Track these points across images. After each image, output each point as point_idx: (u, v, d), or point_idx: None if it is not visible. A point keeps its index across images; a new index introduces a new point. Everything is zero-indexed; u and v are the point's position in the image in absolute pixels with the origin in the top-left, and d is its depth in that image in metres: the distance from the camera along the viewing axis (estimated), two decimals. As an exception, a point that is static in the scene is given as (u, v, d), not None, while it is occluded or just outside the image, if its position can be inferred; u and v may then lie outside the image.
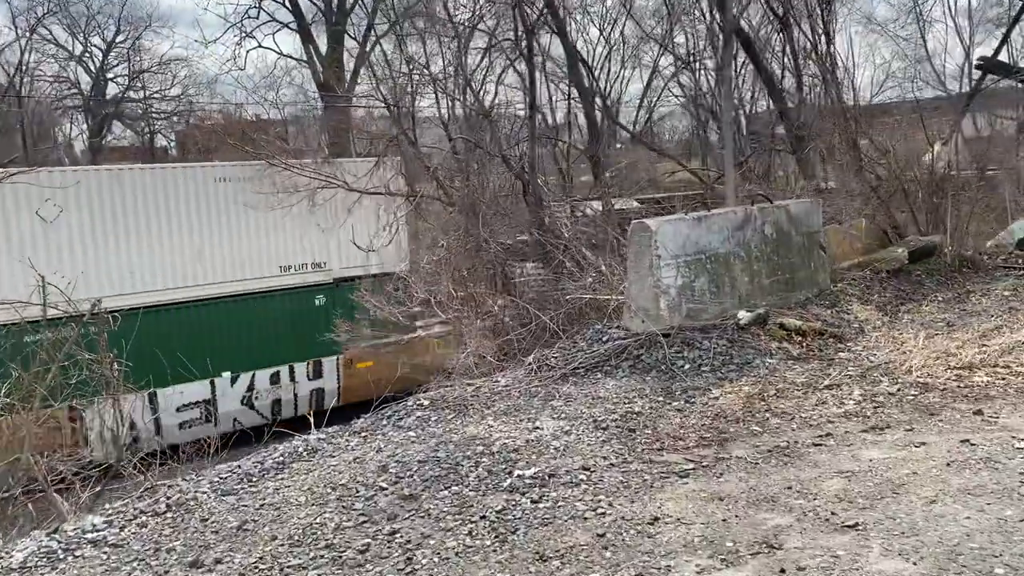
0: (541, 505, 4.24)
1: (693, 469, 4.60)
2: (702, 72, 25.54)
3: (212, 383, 13.87)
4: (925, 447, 4.69)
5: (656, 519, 3.97)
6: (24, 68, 33.86)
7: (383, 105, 14.07)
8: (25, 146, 27.20)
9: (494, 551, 3.80)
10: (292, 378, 14.63)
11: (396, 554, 3.84)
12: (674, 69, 26.47)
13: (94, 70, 39.39)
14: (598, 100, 18.69)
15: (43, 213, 12.79)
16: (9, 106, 31.55)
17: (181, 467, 8.66)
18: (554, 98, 21.46)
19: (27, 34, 33.87)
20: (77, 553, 4.16)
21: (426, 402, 6.47)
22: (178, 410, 13.64)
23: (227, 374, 13.92)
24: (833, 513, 3.89)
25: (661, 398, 5.91)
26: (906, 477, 4.26)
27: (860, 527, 3.72)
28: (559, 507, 4.20)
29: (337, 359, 14.56)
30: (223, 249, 14.12)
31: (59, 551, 4.19)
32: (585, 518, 4.05)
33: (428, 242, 12.15)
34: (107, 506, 5.13)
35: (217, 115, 32.83)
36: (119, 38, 39.38)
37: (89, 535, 4.36)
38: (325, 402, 14.70)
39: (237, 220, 13.73)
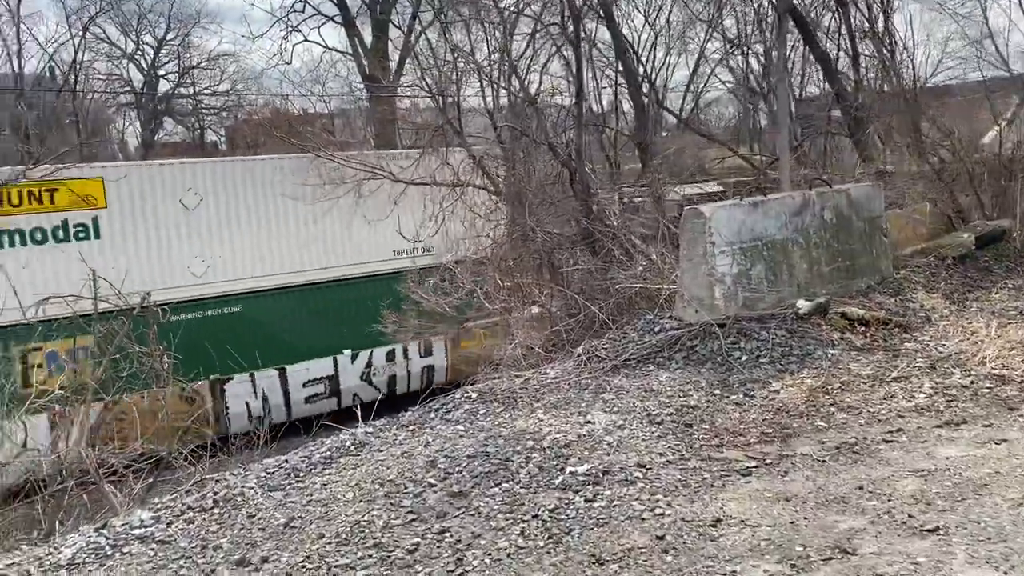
0: (595, 504, 4.06)
1: (755, 467, 4.38)
2: (751, 55, 24.96)
3: (335, 360, 14.49)
4: (1007, 444, 4.40)
5: (718, 520, 3.77)
6: (78, 66, 34.57)
7: (428, 95, 13.97)
8: (80, 142, 27.76)
9: (548, 553, 3.64)
10: (406, 356, 15.17)
11: (446, 555, 3.70)
12: (722, 53, 25.90)
13: (146, 67, 40.08)
14: (645, 86, 18.32)
15: (185, 202, 13.45)
16: (64, 103, 32.24)
17: (230, 459, 8.68)
18: (599, 85, 21.16)
19: (81, 33, 34.56)
20: (125, 550, 4.10)
21: (474, 395, 6.33)
22: (304, 385, 14.32)
23: (348, 351, 14.46)
24: (910, 516, 3.64)
25: (718, 391, 5.68)
26: (988, 477, 3.98)
27: (941, 531, 3.47)
28: (614, 506, 4.02)
29: (445, 338, 14.81)
30: (347, 235, 14.54)
31: (107, 547, 4.14)
32: (643, 519, 3.86)
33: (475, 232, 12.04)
34: (155, 500, 5.09)
35: (265, 109, 33.13)
36: (169, 35, 40.00)
37: (137, 531, 4.31)
38: (435, 378, 15.16)
39: (360, 208, 14.02)
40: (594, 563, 3.49)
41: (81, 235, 12.71)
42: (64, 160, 12.53)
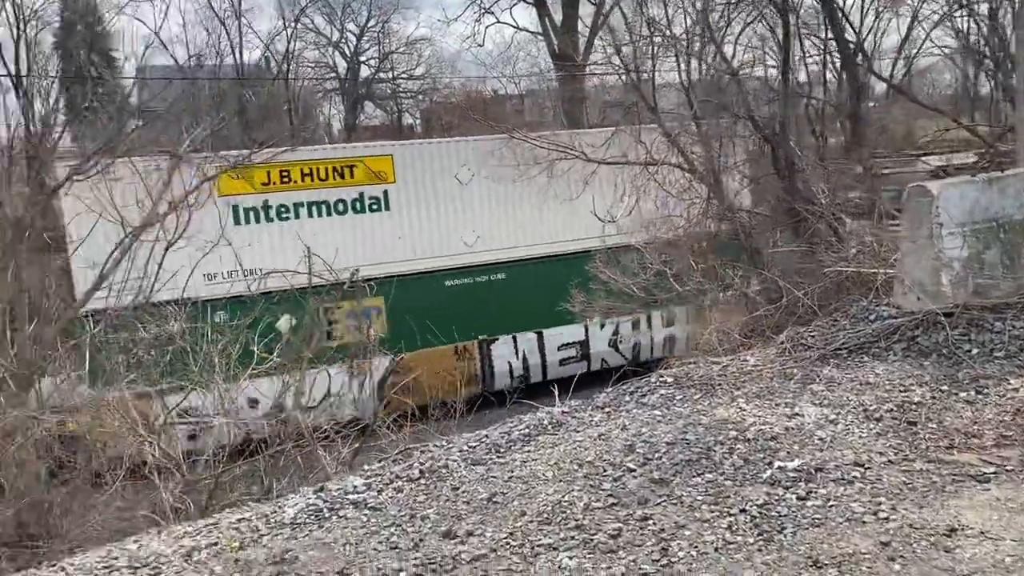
0: (809, 503, 3.82)
1: (995, 473, 3.95)
2: (973, 15, 22.58)
3: (585, 327, 15.34)
4: None
5: (953, 530, 3.42)
6: (290, 55, 37.24)
7: (620, 72, 13.75)
8: (292, 127, 29.93)
9: (759, 550, 3.46)
10: (649, 325, 15.82)
11: (650, 542, 3.62)
12: (941, 13, 23.62)
13: (349, 54, 42.46)
14: (855, 53, 17.02)
15: (460, 177, 14.65)
16: (279, 91, 34.85)
17: (429, 430, 9.06)
18: (805, 53, 19.90)
19: (292, 24, 37.17)
20: (341, 513, 4.33)
21: (669, 379, 6.18)
22: (559, 348, 15.39)
23: (597, 319, 15.00)
24: None
25: (945, 387, 5.18)
26: None
27: None
28: (831, 507, 3.76)
29: (687, 310, 15.00)
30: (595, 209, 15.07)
31: (324, 510, 4.39)
32: (864, 522, 3.59)
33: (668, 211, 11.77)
34: (365, 468, 5.36)
35: (462, 92, 34.14)
36: (370, 23, 42.09)
37: (351, 496, 4.54)
38: (676, 348, 15.43)
39: (609, 185, 14.27)
40: (811, 566, 3.28)
41: (374, 207, 14.11)
42: (281, 145, 13.51)
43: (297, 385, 8.38)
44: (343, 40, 42.19)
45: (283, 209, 13.45)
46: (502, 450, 5.03)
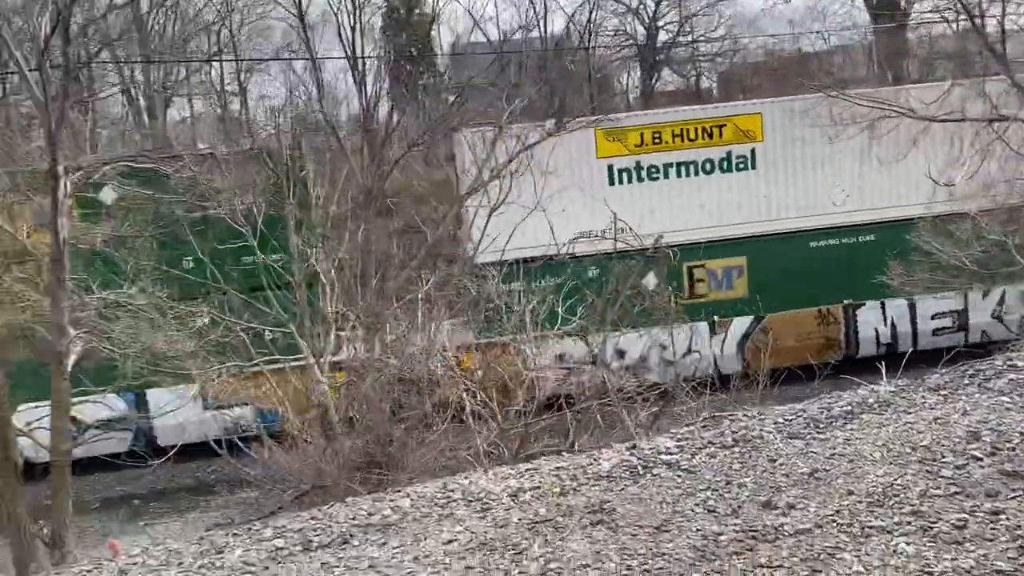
0: None
1: None
2: None
3: (965, 295, 14.40)
4: None
5: None
6: (592, 25, 37.81)
7: (959, 19, 12.22)
8: (592, 97, 30.54)
9: None
10: None
11: (1003, 538, 3.28)
12: None
13: (647, 20, 42.10)
14: None
15: (830, 134, 14.24)
16: (580, 61, 35.65)
17: (730, 400, 8.93)
18: None
19: (595, -7, 37.60)
20: (654, 472, 4.42)
21: (1020, 363, 5.49)
22: (932, 318, 14.67)
23: (978, 287, 14.11)
24: None
25: None
26: None
27: None
28: None
29: None
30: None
31: (638, 467, 4.50)
32: None
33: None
34: (674, 430, 5.41)
35: (763, 51, 32.56)
36: (670, -14, 41.27)
37: (664, 456, 4.61)
38: None
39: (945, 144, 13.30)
40: None
41: (741, 166, 14.16)
42: (590, 115, 13.93)
43: (602, 344, 8.66)
44: (642, 5, 41.94)
45: (653, 169, 13.80)
46: (821, 426, 4.81)
